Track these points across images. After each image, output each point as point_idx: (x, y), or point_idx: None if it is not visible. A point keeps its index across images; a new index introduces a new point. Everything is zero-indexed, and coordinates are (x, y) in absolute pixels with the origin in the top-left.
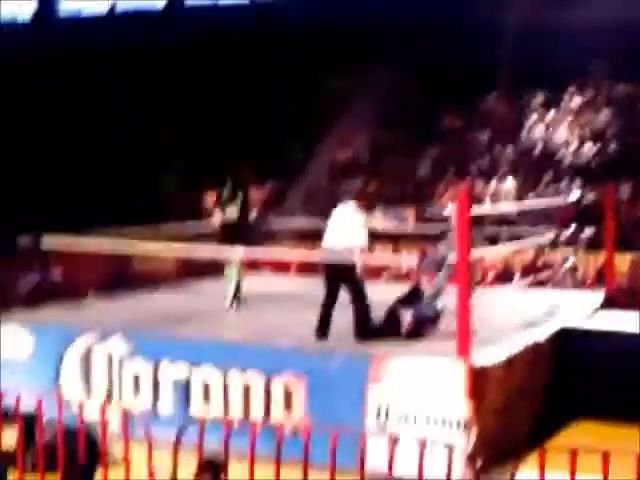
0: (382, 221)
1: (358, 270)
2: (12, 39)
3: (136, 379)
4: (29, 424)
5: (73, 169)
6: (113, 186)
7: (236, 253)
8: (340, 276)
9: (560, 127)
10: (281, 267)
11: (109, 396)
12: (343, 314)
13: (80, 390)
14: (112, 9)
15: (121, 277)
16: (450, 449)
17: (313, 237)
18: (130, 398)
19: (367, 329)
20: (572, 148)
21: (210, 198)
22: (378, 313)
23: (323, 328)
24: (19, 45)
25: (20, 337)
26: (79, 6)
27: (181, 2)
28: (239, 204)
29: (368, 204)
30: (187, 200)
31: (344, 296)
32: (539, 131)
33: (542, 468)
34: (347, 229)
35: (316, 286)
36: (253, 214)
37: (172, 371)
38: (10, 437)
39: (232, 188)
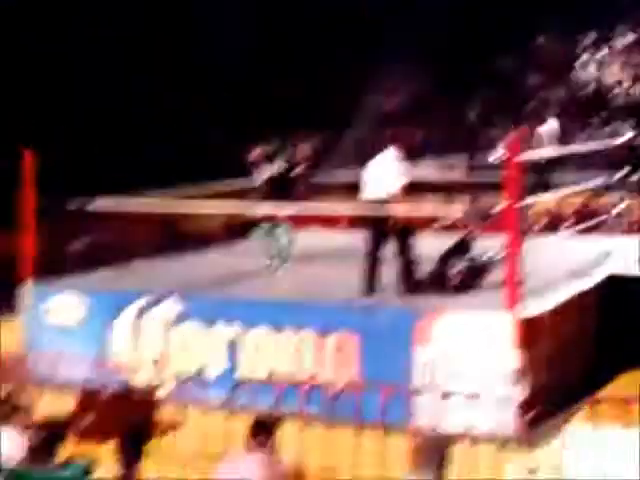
0: (432, 170)
1: (399, 219)
2: None
3: (187, 342)
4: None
5: (116, 127)
6: (159, 144)
7: (284, 209)
8: (381, 227)
9: (612, 66)
10: (330, 221)
11: (162, 360)
12: (392, 267)
13: (133, 355)
14: None
15: (171, 238)
16: (501, 401)
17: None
18: (182, 362)
19: (411, 283)
20: (624, 88)
21: (256, 152)
22: (427, 266)
23: (369, 283)
24: None
25: (72, 302)
26: None
27: None
28: (285, 158)
29: (409, 147)
30: (235, 155)
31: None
32: (591, 71)
33: (594, 420)
34: (384, 177)
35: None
36: (299, 168)
37: (225, 332)
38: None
39: (279, 142)
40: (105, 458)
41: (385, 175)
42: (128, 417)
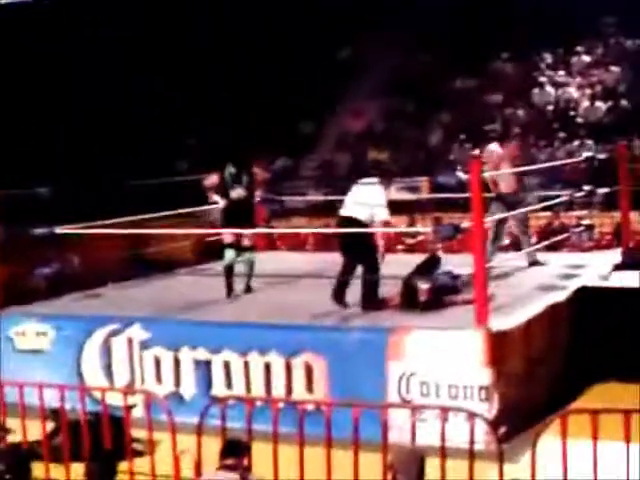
0: (396, 192)
1: (376, 244)
2: None
3: (157, 365)
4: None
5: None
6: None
7: (246, 235)
8: (357, 248)
9: (570, 87)
10: (296, 244)
11: (131, 384)
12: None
13: (103, 378)
14: None
15: (138, 263)
16: (472, 417)
17: (328, 211)
18: (152, 384)
19: (373, 300)
20: (583, 107)
21: (211, 180)
22: (395, 285)
23: (339, 297)
24: None
25: (40, 328)
26: None
27: None
28: (245, 185)
29: (389, 180)
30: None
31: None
32: (549, 92)
33: (564, 433)
34: (369, 204)
35: (331, 262)
36: (258, 193)
37: (193, 356)
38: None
39: (237, 169)
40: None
41: (369, 201)
42: (99, 440)
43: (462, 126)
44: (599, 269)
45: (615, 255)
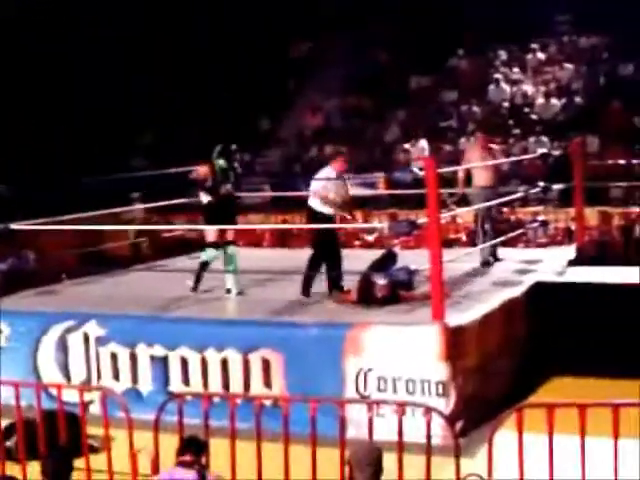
0: (353, 188)
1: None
2: None
3: (114, 362)
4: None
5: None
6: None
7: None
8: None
9: (525, 84)
10: (253, 240)
11: (88, 380)
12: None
13: (58, 376)
14: None
15: (94, 259)
16: (429, 412)
17: (284, 207)
18: (109, 381)
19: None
20: (538, 104)
21: (201, 172)
22: (352, 279)
23: (306, 291)
24: None
25: None
26: None
27: None
28: (232, 179)
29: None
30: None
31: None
32: (505, 88)
33: (520, 427)
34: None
35: (288, 259)
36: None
37: (150, 352)
38: None
39: (227, 162)
40: (33, 478)
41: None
42: (55, 436)
43: (419, 123)
44: (554, 264)
45: (570, 251)
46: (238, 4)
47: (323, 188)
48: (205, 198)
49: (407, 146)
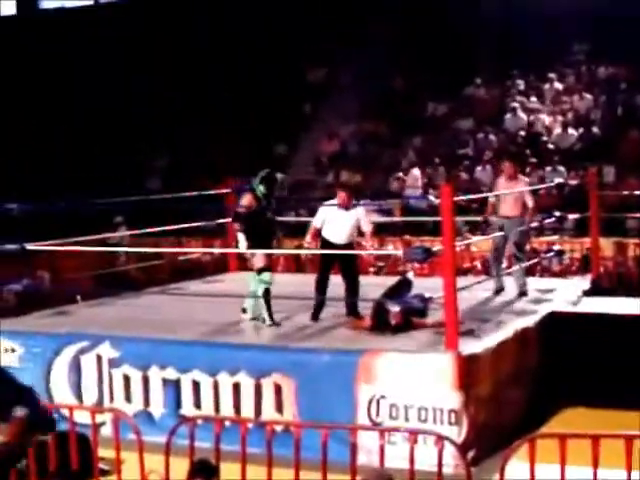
0: (367, 214)
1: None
2: None
3: (126, 384)
4: None
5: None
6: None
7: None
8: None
9: (542, 113)
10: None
11: (100, 402)
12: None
13: (71, 397)
14: None
15: (109, 281)
16: (441, 441)
17: (301, 232)
18: (121, 403)
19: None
20: (555, 133)
21: (246, 200)
22: (367, 307)
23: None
24: None
25: (10, 344)
26: None
27: None
28: (272, 206)
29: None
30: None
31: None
32: (522, 117)
33: (532, 458)
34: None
35: (303, 284)
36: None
37: (162, 375)
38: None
39: (267, 188)
40: None
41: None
42: (67, 458)
43: (435, 150)
44: (569, 294)
45: (585, 281)
46: (262, 34)
47: (316, 220)
48: (243, 244)
49: (400, 175)
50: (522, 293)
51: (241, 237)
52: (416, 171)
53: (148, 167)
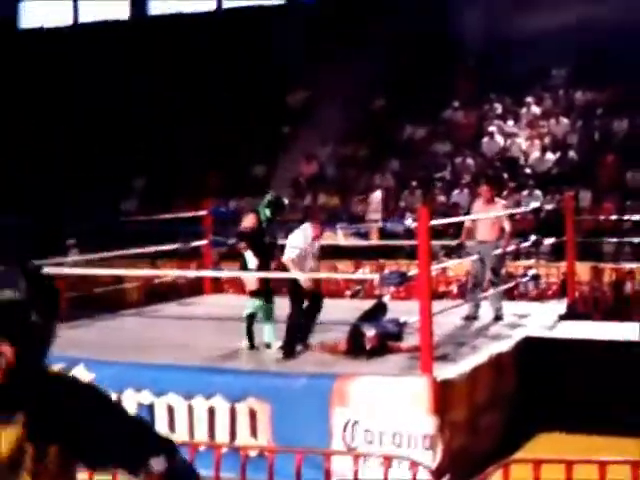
0: (345, 237)
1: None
2: None
3: None
4: None
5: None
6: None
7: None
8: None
9: (520, 137)
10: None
11: None
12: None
13: None
14: None
15: (85, 302)
16: (415, 466)
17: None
18: None
19: (290, 349)
20: (532, 157)
21: (248, 221)
22: (343, 330)
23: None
24: None
25: None
26: None
27: None
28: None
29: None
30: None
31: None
32: (499, 141)
33: None
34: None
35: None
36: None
37: (137, 398)
38: None
39: (272, 212)
40: None
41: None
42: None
43: (413, 173)
44: (544, 319)
45: (561, 305)
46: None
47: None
48: (253, 262)
49: (362, 197)
50: (498, 317)
51: (249, 255)
52: (378, 193)
53: (124, 188)
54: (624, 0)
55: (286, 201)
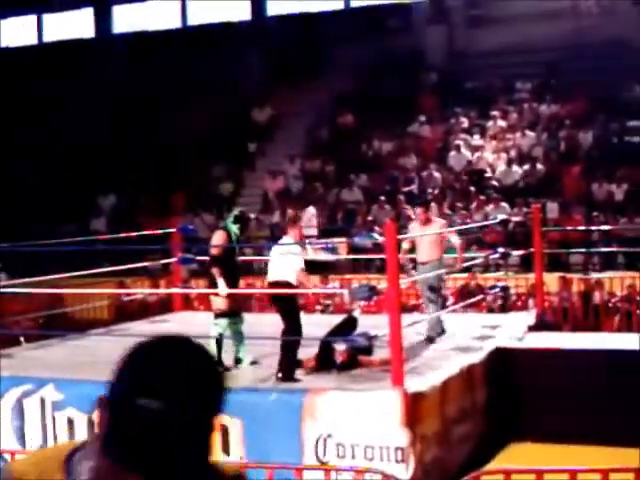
0: (314, 252)
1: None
2: None
3: (70, 427)
4: None
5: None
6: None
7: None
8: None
9: (486, 150)
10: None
11: (44, 446)
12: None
13: (14, 441)
14: None
15: (54, 322)
16: (388, 479)
17: (246, 271)
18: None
19: (290, 372)
20: (498, 170)
21: (218, 238)
22: (312, 345)
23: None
24: None
25: None
26: None
27: None
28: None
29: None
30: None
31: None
32: (465, 155)
33: None
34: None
35: (249, 324)
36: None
37: None
38: None
39: (240, 228)
40: None
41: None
42: None
43: (380, 188)
44: (514, 330)
45: (530, 316)
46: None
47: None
48: (222, 284)
49: (295, 212)
50: (429, 339)
51: (221, 283)
52: (312, 209)
53: (94, 207)
54: (586, 17)
55: (252, 216)
